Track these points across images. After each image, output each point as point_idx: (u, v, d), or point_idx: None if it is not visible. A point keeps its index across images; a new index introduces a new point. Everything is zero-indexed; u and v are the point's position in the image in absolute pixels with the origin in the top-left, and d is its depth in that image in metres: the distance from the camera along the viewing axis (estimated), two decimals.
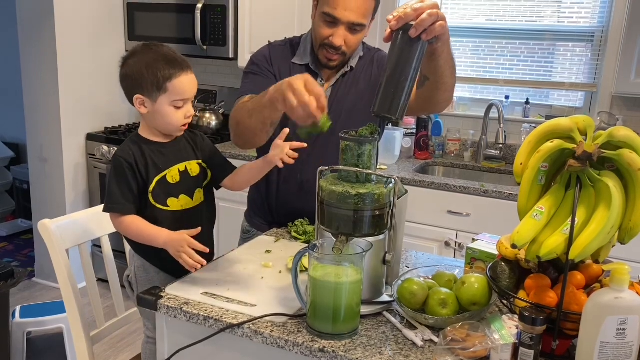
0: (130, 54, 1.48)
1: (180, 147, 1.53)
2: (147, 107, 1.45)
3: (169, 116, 1.45)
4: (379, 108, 1.23)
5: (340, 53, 1.64)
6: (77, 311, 1.60)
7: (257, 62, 1.72)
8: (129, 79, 1.46)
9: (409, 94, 1.23)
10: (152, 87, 1.42)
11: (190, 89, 1.46)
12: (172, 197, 1.49)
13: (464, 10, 3.14)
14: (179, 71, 1.43)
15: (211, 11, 3.23)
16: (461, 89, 3.26)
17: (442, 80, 1.46)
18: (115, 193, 1.44)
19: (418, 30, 1.20)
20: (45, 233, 1.58)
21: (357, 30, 1.61)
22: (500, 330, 1.10)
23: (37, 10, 3.16)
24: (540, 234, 1.11)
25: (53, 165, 3.34)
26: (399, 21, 1.20)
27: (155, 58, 1.43)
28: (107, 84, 3.51)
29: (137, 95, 1.45)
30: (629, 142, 1.08)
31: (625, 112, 2.84)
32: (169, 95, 1.43)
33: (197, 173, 1.54)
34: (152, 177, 1.47)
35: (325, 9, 1.58)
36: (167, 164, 1.49)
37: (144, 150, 1.48)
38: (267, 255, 1.56)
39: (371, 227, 1.22)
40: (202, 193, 1.56)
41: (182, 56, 1.48)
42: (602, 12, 2.87)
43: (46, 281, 3.50)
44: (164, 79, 1.42)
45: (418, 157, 3.13)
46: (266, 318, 1.19)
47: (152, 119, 1.48)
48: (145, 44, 1.48)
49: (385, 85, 1.22)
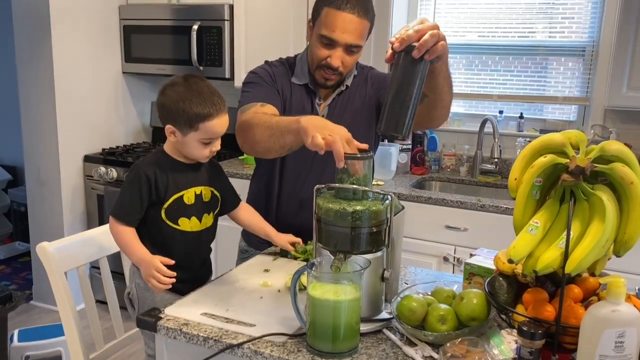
0: (170, 83, 1.49)
1: (199, 171, 1.56)
2: (177, 137, 1.49)
3: (196, 150, 1.49)
4: (385, 127, 1.26)
5: (337, 73, 1.66)
6: (76, 334, 1.59)
7: (260, 74, 1.72)
8: (164, 109, 1.48)
9: (414, 112, 1.26)
10: (185, 124, 1.45)
11: (221, 130, 1.49)
12: (184, 217, 1.52)
13: (456, 26, 3.18)
14: (214, 114, 1.45)
15: (207, 32, 3.26)
16: (456, 105, 3.28)
17: (441, 97, 1.49)
18: (125, 202, 1.49)
19: (421, 51, 1.22)
20: (43, 256, 1.58)
21: (354, 51, 1.64)
22: (499, 345, 1.10)
23: (34, 32, 3.19)
24: (537, 249, 1.11)
25: (51, 187, 3.34)
26: (402, 43, 1.23)
27: (194, 97, 1.44)
28: (104, 105, 3.53)
29: (168, 126, 1.48)
30: (621, 156, 1.10)
31: (618, 124, 2.86)
32: (199, 134, 1.46)
33: (208, 199, 1.57)
34: (170, 194, 1.50)
35: (322, 32, 1.61)
36: (187, 184, 1.53)
37: (167, 168, 1.51)
38: (266, 274, 1.57)
39: (369, 244, 1.22)
40: (210, 219, 1.59)
41: (219, 94, 1.49)
42: (593, 27, 2.91)
43: (44, 304, 3.48)
44: (197, 119, 1.44)
45: (414, 173, 3.14)
46: (266, 338, 1.19)
47: (179, 146, 1.52)
48: (186, 76, 1.49)
49: (390, 104, 1.26)
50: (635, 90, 2.56)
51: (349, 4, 1.57)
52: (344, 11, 1.57)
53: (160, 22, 3.41)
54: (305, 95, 1.73)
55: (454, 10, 3.17)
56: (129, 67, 3.60)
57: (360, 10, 1.58)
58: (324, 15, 1.60)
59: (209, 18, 3.25)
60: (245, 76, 1.75)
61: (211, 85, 1.50)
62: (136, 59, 3.55)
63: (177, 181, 1.51)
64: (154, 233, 1.52)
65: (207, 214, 1.57)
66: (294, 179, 1.76)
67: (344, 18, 1.57)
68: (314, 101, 1.73)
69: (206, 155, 1.51)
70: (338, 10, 1.57)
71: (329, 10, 1.59)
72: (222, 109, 1.48)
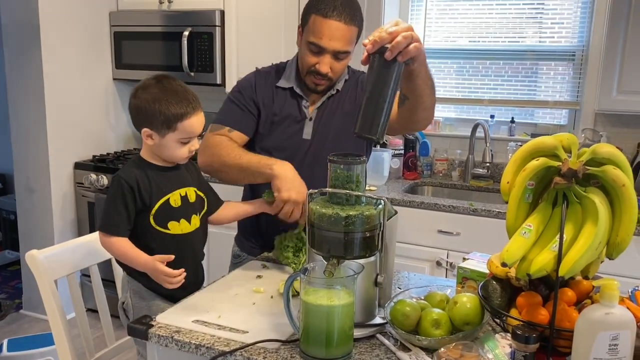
0: (142, 85, 1.48)
1: (180, 173, 1.56)
2: (154, 140, 1.48)
3: (174, 150, 1.49)
4: (359, 129, 1.26)
5: (327, 79, 1.67)
6: (66, 343, 1.57)
7: (242, 91, 1.75)
8: (139, 112, 1.47)
9: (388, 113, 1.26)
10: (162, 125, 1.45)
11: (199, 128, 1.49)
12: (173, 220, 1.51)
13: (447, 32, 3.19)
14: (190, 112, 1.45)
15: (198, 38, 3.26)
16: (447, 110, 3.30)
17: (422, 99, 1.50)
18: (111, 214, 1.46)
19: (393, 53, 1.23)
20: (32, 264, 1.56)
21: (342, 57, 1.65)
22: (493, 349, 1.10)
23: (23, 39, 3.17)
24: (530, 252, 1.11)
25: (40, 195, 3.31)
26: (374, 45, 1.24)
27: (167, 96, 1.44)
28: (94, 112, 3.51)
29: (145, 129, 1.47)
30: (613, 159, 1.10)
31: (609, 128, 2.88)
32: (178, 134, 1.46)
33: (193, 200, 1.57)
34: (155, 199, 1.49)
35: (310, 39, 1.61)
36: (171, 187, 1.52)
37: (148, 174, 1.50)
38: (258, 280, 1.56)
39: (362, 249, 1.22)
40: (198, 219, 1.58)
41: (193, 92, 1.50)
42: (582, 32, 2.93)
43: (34, 313, 3.44)
44: (174, 119, 1.44)
45: (407, 178, 3.14)
46: (258, 344, 1.18)
47: (157, 150, 1.51)
48: (158, 77, 1.49)
49: (364, 106, 1.26)
50: (625, 93, 2.58)
51: (336, 11, 1.58)
52: (331, 19, 1.58)
53: (151, 28, 3.40)
54: (290, 99, 1.74)
55: (445, 15, 3.19)
56: (119, 74, 3.58)
57: (347, 17, 1.59)
58: (311, 23, 1.61)
59: (200, 24, 3.24)
60: (233, 87, 1.80)
61: (184, 84, 1.50)
62: (127, 66, 3.53)
63: (160, 185, 1.50)
64: (144, 241, 1.50)
65: (195, 214, 1.57)
66: None
67: (330, 25, 1.58)
68: (300, 104, 1.74)
69: (185, 156, 1.51)
70: (325, 18, 1.58)
71: (316, 17, 1.60)
72: (198, 107, 1.48)
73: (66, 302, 1.59)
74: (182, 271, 1.40)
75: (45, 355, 2.50)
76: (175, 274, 1.38)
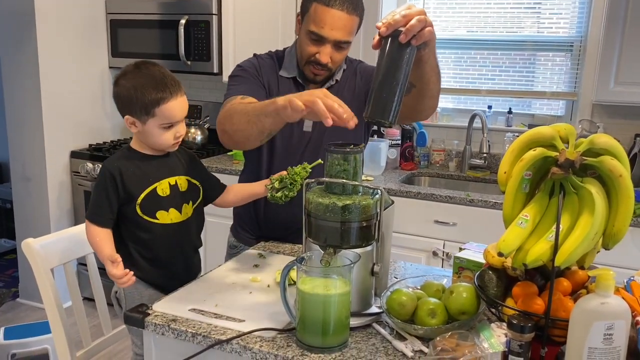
0: (122, 73, 1.48)
1: (171, 161, 1.55)
2: (137, 127, 1.47)
3: (159, 137, 1.47)
4: (371, 113, 1.24)
5: (326, 69, 1.65)
6: (62, 331, 1.57)
7: (247, 68, 1.71)
8: (120, 99, 1.47)
9: (401, 98, 1.24)
10: (141, 111, 1.44)
11: (179, 113, 1.46)
12: (162, 210, 1.50)
13: (445, 22, 3.18)
14: (168, 96, 1.43)
15: (195, 27, 3.23)
16: (444, 100, 3.29)
17: (428, 86, 1.48)
18: (95, 204, 1.47)
19: (408, 36, 1.21)
20: (29, 252, 1.55)
21: (343, 47, 1.63)
22: (489, 338, 1.10)
23: (19, 27, 3.14)
24: (526, 242, 1.12)
25: (37, 183, 3.30)
26: (389, 27, 1.22)
27: (144, 82, 1.43)
28: (90, 100, 3.49)
29: (127, 116, 1.46)
30: (610, 149, 1.10)
31: (605, 119, 2.88)
32: (157, 119, 1.44)
33: (185, 188, 1.55)
34: (141, 189, 1.48)
35: (311, 28, 1.59)
36: (159, 176, 1.50)
37: (135, 163, 1.49)
38: (255, 269, 1.56)
39: (359, 239, 1.22)
40: (190, 208, 1.57)
41: (173, 77, 1.47)
42: (580, 22, 2.92)
43: (31, 301, 3.44)
44: (152, 104, 1.42)
45: (404, 168, 3.14)
46: (255, 333, 1.19)
47: (142, 137, 1.50)
48: (137, 63, 1.48)
49: (377, 90, 1.23)
50: (623, 85, 2.57)
51: (338, 0, 1.56)
52: (333, 7, 1.56)
53: (148, 16, 3.38)
54: (293, 89, 1.71)
55: (443, 5, 3.17)
56: (115, 62, 3.56)
57: (350, 6, 1.57)
58: (312, 11, 1.59)
59: (196, 12, 3.22)
60: (232, 70, 1.74)
61: (164, 68, 1.48)
62: (123, 54, 3.51)
63: (147, 174, 1.49)
64: (132, 231, 1.51)
65: (186, 204, 1.55)
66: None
67: (332, 14, 1.56)
68: None
69: (171, 142, 1.48)
70: (327, 7, 1.56)
71: (318, 6, 1.57)
72: (177, 91, 1.45)
73: (62, 291, 1.58)
74: (130, 273, 1.39)
75: (42, 344, 2.50)
76: (120, 275, 1.38)
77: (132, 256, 1.54)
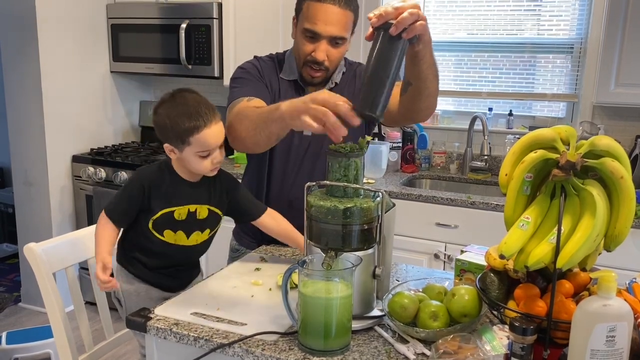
0: (159, 102, 1.48)
1: (198, 189, 1.53)
2: (176, 154, 1.47)
3: (196, 164, 1.47)
4: (360, 106, 1.20)
5: (323, 68, 1.65)
6: (64, 335, 1.57)
7: (249, 70, 1.70)
8: (158, 128, 1.48)
9: (390, 92, 1.21)
10: (177, 140, 1.44)
11: (215, 140, 1.44)
12: (169, 229, 1.51)
13: (445, 25, 3.18)
14: (202, 125, 1.41)
15: (195, 31, 3.24)
16: (445, 102, 3.29)
17: (425, 85, 1.46)
18: (117, 201, 1.51)
19: (398, 28, 1.18)
20: (31, 257, 1.56)
21: (339, 43, 1.62)
22: (491, 341, 1.10)
23: (20, 32, 3.15)
24: (528, 244, 1.11)
25: (38, 188, 3.30)
26: (380, 19, 1.19)
27: (179, 111, 1.42)
28: (92, 105, 3.50)
29: (166, 145, 1.47)
30: (611, 151, 1.10)
31: (606, 121, 2.88)
32: (194, 148, 1.43)
33: (204, 217, 1.54)
34: (160, 208, 1.48)
35: (305, 25, 1.60)
36: (181, 202, 1.50)
37: (166, 181, 1.49)
38: (257, 273, 1.56)
39: (360, 242, 1.22)
40: (201, 236, 1.56)
41: (208, 103, 1.45)
42: (580, 24, 2.93)
43: (33, 306, 3.44)
44: (186, 134, 1.42)
45: (405, 171, 3.14)
46: (257, 337, 1.19)
47: (182, 162, 1.49)
48: (173, 92, 1.47)
49: (366, 83, 1.21)
50: (623, 86, 2.58)
51: None
52: (326, 3, 1.56)
53: (149, 20, 3.38)
54: (294, 92, 1.71)
55: (443, 8, 3.18)
56: (117, 67, 3.57)
57: (342, 1, 1.57)
58: (305, 9, 1.60)
59: (197, 16, 3.23)
60: (234, 72, 1.73)
61: (200, 96, 1.47)
62: (124, 58, 3.52)
63: (171, 197, 1.49)
64: (139, 238, 1.53)
65: (199, 231, 1.54)
66: (281, 180, 1.75)
67: (325, 10, 1.56)
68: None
69: (209, 168, 1.47)
70: (319, 3, 1.56)
71: (310, 3, 1.58)
72: (211, 119, 1.43)
73: (65, 295, 1.58)
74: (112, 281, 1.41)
75: (44, 348, 2.50)
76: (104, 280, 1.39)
77: (134, 259, 1.56)
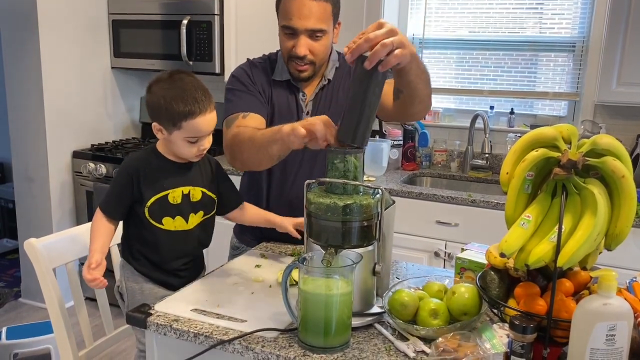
0: (155, 80, 1.47)
1: (190, 171, 1.53)
2: (163, 135, 1.47)
3: (182, 148, 1.47)
4: (342, 136, 1.22)
5: (308, 62, 1.62)
6: (64, 331, 1.58)
7: (241, 79, 1.70)
8: (149, 107, 1.47)
9: (371, 121, 1.23)
10: (168, 122, 1.43)
11: (206, 128, 1.45)
12: (168, 216, 1.50)
13: (447, 22, 3.18)
14: (196, 112, 1.41)
15: (197, 27, 3.24)
16: (446, 100, 3.29)
17: (416, 92, 1.45)
18: (109, 195, 1.51)
19: (372, 62, 1.16)
20: (31, 252, 1.56)
21: (319, 36, 1.59)
22: (491, 339, 1.10)
23: (21, 27, 3.15)
24: (528, 242, 1.11)
25: (39, 184, 3.30)
26: (352, 54, 1.18)
27: (175, 94, 1.41)
28: (93, 101, 3.49)
29: (154, 123, 1.46)
30: (612, 150, 1.10)
31: (608, 120, 2.88)
32: (183, 132, 1.43)
33: (198, 199, 1.54)
34: (152, 193, 1.48)
35: (282, 22, 1.60)
36: (174, 184, 1.50)
37: (154, 166, 1.49)
38: (257, 270, 1.56)
39: (360, 238, 1.22)
40: (198, 218, 1.56)
41: (205, 90, 1.45)
42: (582, 23, 2.92)
43: (33, 301, 3.45)
44: (179, 117, 1.41)
45: (405, 168, 3.14)
46: (257, 333, 1.19)
47: (167, 144, 1.49)
48: (172, 72, 1.46)
49: (346, 113, 1.22)
50: (625, 85, 2.57)
51: None
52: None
53: (150, 16, 3.38)
54: (288, 92, 1.70)
55: (445, 5, 3.17)
56: (118, 62, 3.56)
57: None
58: (282, 6, 1.59)
59: (198, 12, 3.22)
60: (227, 80, 1.72)
61: (197, 80, 1.46)
62: (125, 54, 3.52)
63: (162, 180, 1.49)
64: (139, 231, 1.52)
65: (194, 213, 1.54)
66: (282, 181, 1.74)
67: (299, 3, 1.54)
68: (298, 97, 1.70)
69: (194, 154, 1.48)
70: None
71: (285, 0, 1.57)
72: (207, 107, 1.43)
73: (65, 291, 1.59)
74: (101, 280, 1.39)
75: (44, 344, 2.51)
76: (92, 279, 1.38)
77: (136, 253, 1.55)
